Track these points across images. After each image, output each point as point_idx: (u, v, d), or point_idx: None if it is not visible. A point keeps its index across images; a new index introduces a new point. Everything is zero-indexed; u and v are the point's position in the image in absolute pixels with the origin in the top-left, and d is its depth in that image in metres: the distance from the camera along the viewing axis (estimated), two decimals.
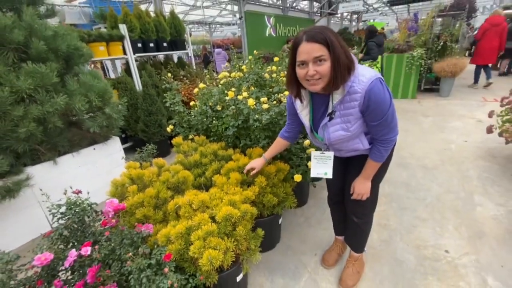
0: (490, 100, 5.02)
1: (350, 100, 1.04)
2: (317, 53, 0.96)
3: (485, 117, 3.36)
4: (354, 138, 1.17)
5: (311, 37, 0.96)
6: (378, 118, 1.05)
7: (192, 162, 1.83)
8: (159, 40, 4.40)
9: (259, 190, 1.50)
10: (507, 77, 7.13)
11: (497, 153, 2.97)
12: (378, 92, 1.00)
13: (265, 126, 1.83)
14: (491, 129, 2.67)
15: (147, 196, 1.46)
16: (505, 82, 6.35)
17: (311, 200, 2.40)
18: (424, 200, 2.27)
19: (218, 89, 2.37)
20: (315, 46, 0.96)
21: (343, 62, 0.98)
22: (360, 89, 1.00)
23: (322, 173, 1.31)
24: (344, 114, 1.09)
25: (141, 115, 3.58)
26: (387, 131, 1.10)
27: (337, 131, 1.13)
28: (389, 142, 1.13)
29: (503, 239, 1.80)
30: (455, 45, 5.50)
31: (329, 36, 0.96)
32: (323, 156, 1.29)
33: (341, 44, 0.99)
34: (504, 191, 2.29)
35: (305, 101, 1.18)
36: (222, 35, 19.65)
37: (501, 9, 6.55)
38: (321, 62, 0.98)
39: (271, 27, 8.44)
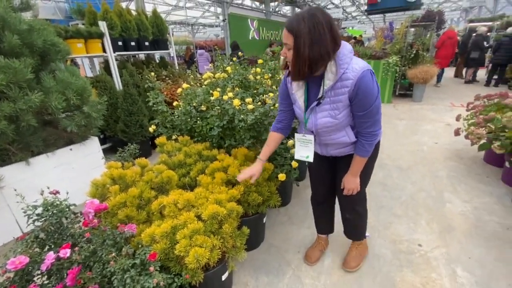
0: (457, 106, 5.40)
1: (341, 87, 1.07)
2: (285, 40, 1.04)
3: (453, 121, 3.61)
4: (340, 129, 1.20)
5: (287, 23, 1.02)
6: (365, 108, 1.08)
7: (176, 162, 1.81)
8: (140, 39, 4.31)
9: (244, 189, 1.52)
10: (473, 84, 7.71)
11: (464, 154, 3.20)
12: (368, 81, 1.04)
13: (250, 126, 1.86)
14: (458, 132, 2.89)
15: (130, 196, 1.43)
16: (470, 89, 6.86)
17: (294, 200, 2.45)
18: (399, 198, 2.40)
19: (203, 89, 2.37)
20: (285, 33, 1.02)
21: (303, 55, 0.99)
22: (353, 76, 1.03)
23: (304, 156, 1.34)
24: (333, 101, 1.11)
25: (121, 115, 3.48)
26: (371, 123, 1.14)
27: (324, 117, 1.16)
28: (372, 136, 1.17)
29: (469, 233, 1.95)
30: (426, 54, 5.88)
31: (299, 27, 0.97)
32: (304, 139, 1.32)
33: (315, 39, 0.97)
34: (470, 189, 2.48)
35: (300, 82, 1.19)
36: (205, 37, 19.50)
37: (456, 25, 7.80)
38: (289, 49, 1.04)
39: (254, 30, 8.53)
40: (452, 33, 6.97)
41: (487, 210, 2.17)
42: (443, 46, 6.93)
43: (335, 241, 1.90)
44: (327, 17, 0.99)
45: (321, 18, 0.97)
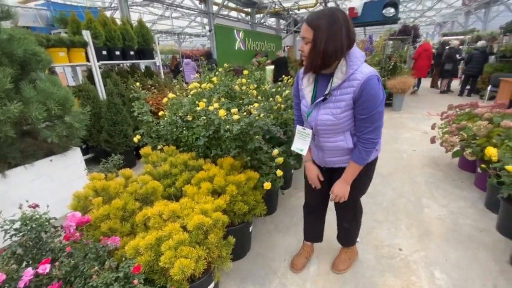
0: (433, 115, 5.68)
1: (348, 86, 1.12)
2: (304, 34, 1.11)
3: (430, 129, 3.81)
4: (339, 132, 1.23)
5: (308, 19, 1.10)
6: (367, 111, 1.12)
7: (161, 173, 1.80)
8: (125, 48, 4.29)
9: (230, 198, 1.53)
10: (448, 94, 8.16)
11: (440, 161, 3.37)
12: (374, 85, 1.09)
13: (236, 136, 1.89)
14: (434, 139, 3.05)
15: (113, 208, 1.42)
16: (445, 99, 7.25)
17: (280, 208, 2.48)
18: (381, 204, 2.48)
19: (189, 99, 2.39)
20: (305, 28, 1.09)
21: (319, 49, 1.07)
22: (360, 77, 1.09)
23: (299, 149, 1.38)
24: (337, 100, 1.16)
25: (104, 125, 3.41)
26: (372, 129, 1.16)
27: (326, 114, 1.20)
28: (371, 143, 1.19)
29: (446, 236, 2.04)
30: (403, 65, 6.19)
31: (319, 22, 1.05)
32: (304, 132, 1.35)
33: (332, 35, 1.05)
34: (446, 194, 2.61)
35: (311, 78, 1.27)
36: (191, 46, 19.58)
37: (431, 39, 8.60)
38: (306, 43, 1.11)
39: (240, 41, 8.67)
40: (427, 46, 7.62)
41: (462, 214, 2.29)
42: (420, 58, 7.58)
43: (320, 248, 1.94)
44: (346, 17, 1.08)
45: (340, 16, 1.06)
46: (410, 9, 14.26)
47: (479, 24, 13.24)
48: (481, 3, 10.61)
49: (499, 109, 2.62)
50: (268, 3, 9.78)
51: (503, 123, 2.24)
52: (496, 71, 7.19)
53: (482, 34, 9.12)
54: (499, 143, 2.21)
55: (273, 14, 11.62)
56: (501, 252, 1.85)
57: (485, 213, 2.29)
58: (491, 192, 2.29)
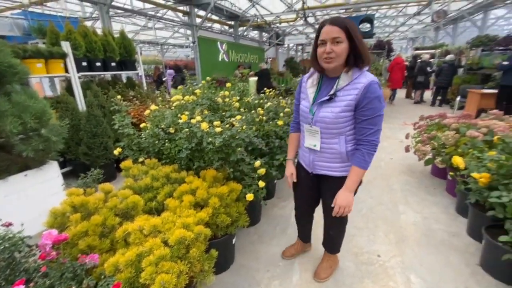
0: (409, 124, 5.97)
1: (351, 88, 1.21)
2: (336, 35, 1.16)
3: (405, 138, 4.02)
4: (335, 133, 1.31)
5: (334, 21, 1.18)
6: (372, 112, 1.20)
7: (142, 186, 1.79)
8: (106, 60, 4.24)
9: (212, 211, 1.55)
10: (421, 104, 8.65)
11: (415, 168, 3.55)
12: (376, 89, 1.19)
13: (218, 148, 1.92)
14: (408, 148, 3.22)
15: (92, 224, 1.39)
16: (419, 109, 7.68)
17: (263, 218, 2.50)
18: (360, 211, 2.57)
19: (171, 111, 2.40)
20: (334, 29, 1.16)
21: (358, 48, 1.17)
22: (364, 81, 1.19)
23: (312, 145, 1.42)
24: (339, 100, 1.25)
25: (83, 137, 3.32)
26: (374, 131, 1.24)
27: (326, 112, 1.29)
28: (373, 145, 1.26)
29: (420, 241, 2.15)
30: (380, 78, 6.52)
31: (350, 25, 1.17)
32: (312, 129, 1.40)
33: (359, 36, 1.18)
34: (420, 201, 2.75)
35: (315, 81, 1.37)
36: (175, 56, 19.56)
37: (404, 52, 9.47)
38: (338, 43, 1.17)
39: (224, 53, 8.79)
40: (399, 59, 8.43)
41: (435, 219, 2.42)
42: (393, 70, 8.36)
43: (303, 257, 1.98)
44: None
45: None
46: (384, 24, 15.12)
47: (448, 39, 14.22)
48: (449, 20, 11.46)
49: (465, 120, 2.82)
50: (251, 16, 10.04)
51: (468, 133, 2.42)
52: (464, 83, 7.73)
53: (450, 49, 9.81)
54: (465, 151, 2.38)
55: (255, 27, 11.91)
56: (471, 255, 1.97)
57: (456, 217, 2.44)
58: (460, 197, 2.44)
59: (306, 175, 1.57)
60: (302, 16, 8.85)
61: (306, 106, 1.40)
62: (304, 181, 1.61)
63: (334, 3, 9.54)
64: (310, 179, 1.56)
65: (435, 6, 7.69)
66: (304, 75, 1.53)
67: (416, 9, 9.88)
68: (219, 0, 7.76)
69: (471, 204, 2.07)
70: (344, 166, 1.40)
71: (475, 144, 2.35)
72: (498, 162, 1.79)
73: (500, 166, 1.78)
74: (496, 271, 1.72)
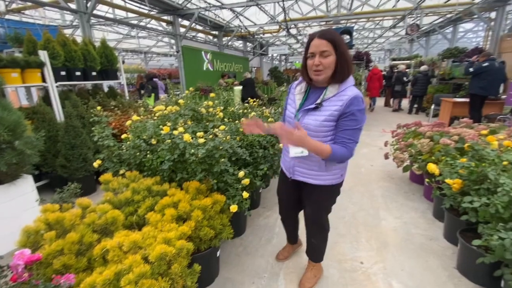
0: (387, 131, 6.20)
1: (337, 100, 1.26)
2: (324, 48, 1.22)
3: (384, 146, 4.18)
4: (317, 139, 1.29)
5: (322, 34, 1.23)
6: (351, 124, 1.25)
7: (122, 200, 1.74)
8: (87, 69, 4.14)
9: (195, 224, 1.53)
10: (399, 112, 9.05)
11: (394, 174, 3.68)
12: (360, 102, 1.25)
13: (202, 159, 1.91)
14: (387, 155, 3.34)
15: (68, 242, 1.33)
16: (397, 116, 8.02)
17: (248, 228, 2.49)
18: (343, 218, 2.62)
19: (153, 123, 2.37)
20: (323, 42, 1.22)
21: (345, 60, 1.24)
22: (350, 94, 1.25)
23: (299, 152, 1.42)
24: (324, 109, 1.29)
25: (61, 149, 3.20)
26: (351, 142, 1.27)
27: (310, 119, 1.33)
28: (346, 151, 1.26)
29: (401, 246, 2.21)
30: (360, 87, 6.77)
31: (337, 38, 1.22)
32: None
33: (345, 48, 1.25)
34: (399, 206, 2.84)
35: (303, 88, 1.43)
36: (159, 65, 19.37)
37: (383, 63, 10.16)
38: (326, 56, 1.23)
39: (208, 62, 8.82)
40: (376, 70, 8.95)
41: (414, 224, 2.50)
42: (371, 80, 8.87)
43: (287, 267, 1.99)
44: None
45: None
46: (363, 36, 15.81)
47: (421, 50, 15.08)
48: (422, 32, 12.17)
49: (438, 128, 2.98)
50: (234, 27, 10.19)
51: (441, 140, 2.55)
52: (438, 92, 8.19)
53: (424, 60, 10.40)
54: (439, 158, 2.50)
55: (239, 37, 12.08)
56: (448, 258, 2.04)
57: (433, 222, 2.53)
58: (437, 202, 2.55)
59: (287, 180, 1.63)
60: (285, 28, 9.09)
61: (292, 112, 1.45)
62: (286, 184, 1.69)
63: (314, 16, 9.90)
64: (291, 184, 1.61)
65: (408, 20, 8.15)
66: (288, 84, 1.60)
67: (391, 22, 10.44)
68: (203, 11, 7.84)
69: (446, 209, 2.16)
70: (320, 175, 1.44)
71: (448, 151, 2.47)
72: (468, 169, 1.90)
73: (470, 173, 1.89)
74: (471, 274, 1.80)
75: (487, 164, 1.89)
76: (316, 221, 1.66)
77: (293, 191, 1.67)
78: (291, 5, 9.75)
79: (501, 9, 7.30)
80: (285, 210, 1.88)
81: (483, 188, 1.78)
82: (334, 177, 1.47)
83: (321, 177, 1.45)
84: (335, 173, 1.46)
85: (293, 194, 1.70)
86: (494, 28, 7.52)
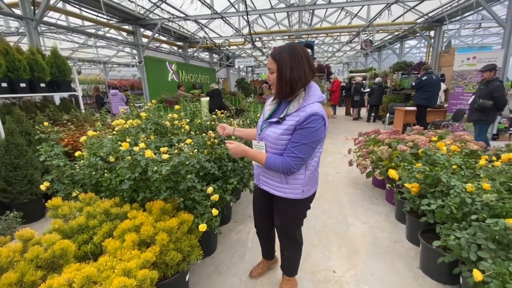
0: (350, 139, 6.56)
1: (296, 115, 1.26)
2: (269, 65, 1.31)
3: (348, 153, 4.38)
4: (276, 153, 1.35)
5: (272, 53, 1.30)
6: (297, 138, 1.25)
7: (75, 227, 1.54)
8: (34, 80, 3.75)
9: (160, 249, 1.40)
10: (358, 120, 9.67)
11: (358, 180, 3.86)
12: (316, 121, 1.22)
13: (166, 177, 1.79)
14: (351, 162, 3.49)
15: (4, 284, 1.12)
16: (357, 125, 8.58)
17: (219, 246, 2.38)
18: (314, 227, 2.64)
19: (111, 138, 2.19)
20: (270, 60, 1.30)
21: (286, 78, 1.24)
22: (309, 111, 1.23)
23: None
24: (284, 123, 1.30)
25: (1, 171, 2.80)
26: (295, 157, 1.26)
27: (270, 131, 1.36)
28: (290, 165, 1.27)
29: (369, 251, 2.28)
30: None
31: (282, 56, 1.23)
32: (259, 145, 1.45)
33: (295, 64, 1.22)
34: (365, 211, 2.96)
35: (275, 100, 1.44)
36: (120, 75, 18.42)
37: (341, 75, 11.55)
38: (272, 73, 1.30)
39: (173, 73, 8.60)
40: (337, 81, 10.17)
41: (379, 228, 2.61)
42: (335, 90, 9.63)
43: (262, 284, 1.92)
44: (304, 50, 1.27)
45: (299, 49, 1.25)
46: (323, 49, 16.82)
47: (375, 64, 16.45)
48: (375, 47, 13.31)
49: (395, 135, 3.21)
50: (200, 38, 10.14)
51: (398, 147, 2.74)
52: (391, 101, 8.95)
53: (378, 72, 11.34)
54: (398, 164, 2.67)
55: (205, 49, 12.05)
56: (412, 259, 2.15)
57: (396, 224, 2.67)
58: (398, 206, 2.70)
59: (256, 188, 1.67)
60: (250, 40, 9.28)
61: (260, 121, 1.49)
62: (256, 193, 1.71)
63: (278, 30, 10.28)
64: (261, 193, 1.63)
65: (363, 36, 8.87)
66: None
67: (348, 37, 11.27)
68: (166, 22, 7.68)
69: (407, 212, 2.29)
70: (281, 187, 1.44)
71: (405, 156, 2.66)
72: (424, 173, 2.05)
73: (426, 177, 2.03)
74: (434, 273, 1.90)
75: (439, 168, 2.05)
76: (284, 233, 1.65)
77: (264, 200, 1.66)
78: (255, 19, 10.02)
79: (438, 28, 8.30)
80: (257, 221, 1.84)
81: (438, 191, 1.92)
82: (295, 192, 1.43)
83: (282, 190, 1.45)
84: (295, 188, 1.42)
85: (264, 203, 1.68)
86: (434, 45, 8.50)
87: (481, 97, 4.03)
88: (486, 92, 3.99)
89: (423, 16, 8.06)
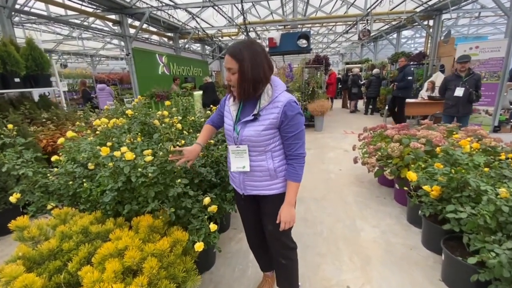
0: (349, 132, 6.37)
1: (273, 107, 1.22)
2: (228, 65, 1.18)
3: (349, 147, 4.17)
4: (261, 151, 1.28)
5: (229, 50, 1.18)
6: (294, 129, 1.23)
7: (45, 253, 1.28)
8: (7, 75, 3.39)
9: (149, 279, 1.15)
10: (356, 113, 9.49)
11: (363, 178, 3.65)
12: (294, 106, 1.22)
13: (154, 179, 1.53)
14: (356, 160, 3.28)
15: None
16: (355, 117, 8.42)
17: (219, 259, 2.14)
18: (321, 234, 2.43)
19: (91, 141, 1.91)
20: (228, 59, 1.17)
21: (249, 78, 1.15)
22: (283, 100, 1.21)
23: (241, 167, 1.35)
24: (262, 119, 1.24)
25: None
26: (300, 145, 1.28)
27: (250, 131, 1.26)
28: (301, 157, 1.29)
29: (383, 259, 2.08)
30: (320, 90, 6.86)
31: (242, 53, 1.13)
32: (239, 150, 1.33)
33: (256, 63, 1.14)
34: (374, 213, 2.76)
35: (236, 100, 1.32)
36: (109, 69, 17.73)
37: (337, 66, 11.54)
38: (233, 74, 1.18)
39: (164, 66, 8.20)
40: (334, 73, 10.10)
41: (392, 232, 2.41)
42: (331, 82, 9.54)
43: None
44: (262, 46, 1.22)
45: (258, 47, 1.18)
46: (318, 41, 16.46)
47: (371, 55, 16.21)
48: (371, 38, 13.04)
49: (405, 131, 2.99)
50: (191, 29, 9.70)
51: (412, 144, 2.52)
52: (389, 94, 8.74)
53: (375, 63, 11.11)
54: (410, 162, 2.46)
55: (197, 40, 11.59)
56: (431, 269, 1.96)
57: (409, 227, 2.48)
58: (411, 207, 2.50)
59: (241, 197, 1.49)
60: (244, 31, 8.90)
61: (230, 124, 1.36)
62: (242, 203, 1.53)
63: (272, 20, 9.91)
64: (246, 201, 1.48)
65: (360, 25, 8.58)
66: None
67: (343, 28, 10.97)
68: (155, 11, 7.23)
69: (424, 217, 2.09)
70: (273, 184, 1.35)
71: (418, 154, 2.44)
72: (448, 175, 1.83)
73: (450, 180, 1.81)
74: (459, 286, 1.71)
75: (465, 170, 1.83)
76: (279, 237, 1.44)
77: (250, 207, 1.51)
78: (249, 9, 9.60)
79: (437, 17, 8.07)
80: (250, 235, 1.66)
81: (465, 196, 1.71)
82: (284, 183, 1.37)
83: (272, 186, 1.36)
84: (284, 180, 1.36)
85: (251, 211, 1.53)
86: (433, 35, 8.29)
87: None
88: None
89: (422, 4, 7.80)
